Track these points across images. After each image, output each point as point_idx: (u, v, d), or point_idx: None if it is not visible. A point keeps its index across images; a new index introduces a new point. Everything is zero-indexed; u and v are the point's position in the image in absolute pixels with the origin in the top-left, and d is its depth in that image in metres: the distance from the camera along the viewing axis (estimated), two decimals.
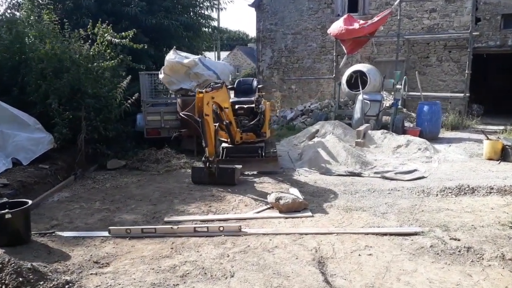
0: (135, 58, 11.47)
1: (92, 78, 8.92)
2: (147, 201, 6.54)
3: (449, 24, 15.43)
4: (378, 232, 4.96)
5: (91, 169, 8.68)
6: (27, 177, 7.06)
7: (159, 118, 10.10)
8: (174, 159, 9.04)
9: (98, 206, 6.38)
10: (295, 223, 5.39)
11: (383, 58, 16.57)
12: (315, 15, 17.81)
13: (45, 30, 8.97)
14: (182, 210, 6.05)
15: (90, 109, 8.64)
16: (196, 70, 9.69)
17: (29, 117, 8.09)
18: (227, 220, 5.56)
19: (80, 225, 5.56)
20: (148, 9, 13.18)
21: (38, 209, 6.29)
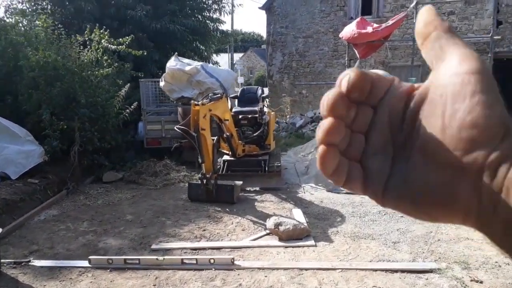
0: (139, 64, 11.04)
1: (87, 86, 8.47)
2: (138, 222, 6.06)
3: (468, 27, 14.69)
4: (388, 268, 4.39)
5: (86, 181, 8.25)
6: (13, 193, 6.65)
7: (160, 127, 9.64)
8: (173, 171, 8.58)
9: (85, 227, 5.93)
10: (296, 254, 4.84)
11: (397, 63, 15.89)
12: (327, 18, 17.21)
13: (41, 36, 8.56)
14: (173, 234, 5.55)
15: (85, 119, 8.19)
16: (198, 78, 9.20)
17: (20, 129, 7.69)
18: (220, 249, 5.04)
19: (60, 252, 5.11)
20: (154, 13, 12.74)
21: (21, 230, 5.87)
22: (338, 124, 0.41)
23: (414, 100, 0.41)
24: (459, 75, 0.38)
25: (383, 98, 0.42)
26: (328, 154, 0.41)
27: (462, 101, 0.36)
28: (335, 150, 0.42)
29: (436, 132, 0.38)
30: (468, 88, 0.37)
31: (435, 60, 0.41)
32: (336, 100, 0.41)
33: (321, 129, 0.41)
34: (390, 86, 0.43)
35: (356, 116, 0.42)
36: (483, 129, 0.36)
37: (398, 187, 0.41)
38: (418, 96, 0.41)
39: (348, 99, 0.41)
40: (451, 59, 0.39)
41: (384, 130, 0.42)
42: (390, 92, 0.42)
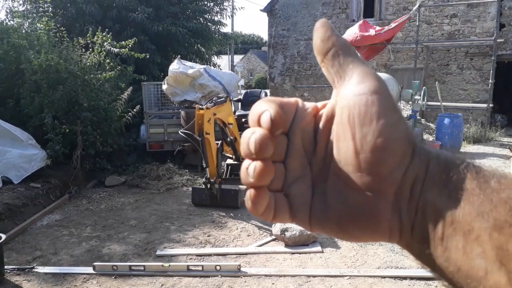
0: (142, 67, 10.99)
1: (90, 90, 8.41)
2: (142, 227, 5.99)
3: (471, 30, 14.65)
4: (397, 275, 4.33)
5: (89, 185, 8.18)
6: (15, 198, 6.57)
7: (162, 130, 9.57)
8: (177, 175, 8.52)
9: (88, 233, 5.86)
10: (302, 260, 4.78)
11: (400, 65, 15.85)
12: (329, 21, 17.16)
13: (43, 39, 8.50)
14: (177, 240, 5.49)
15: (87, 123, 8.13)
16: (201, 81, 9.16)
17: (22, 132, 7.63)
18: (226, 255, 4.97)
19: (64, 258, 5.05)
20: (155, 16, 12.70)
21: (24, 235, 5.81)
22: (269, 166, 0.39)
23: (322, 122, 0.42)
24: (361, 96, 0.37)
25: (293, 123, 0.42)
26: (260, 196, 0.40)
27: (369, 124, 0.36)
28: (265, 190, 0.40)
29: (349, 156, 0.38)
30: (373, 110, 0.37)
31: (336, 78, 0.40)
32: (264, 142, 0.38)
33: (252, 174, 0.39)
34: (296, 109, 0.42)
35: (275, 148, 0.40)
36: (393, 151, 0.36)
37: (321, 210, 0.41)
38: (325, 117, 0.41)
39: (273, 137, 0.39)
40: (352, 79, 0.39)
41: (300, 155, 0.42)
42: (298, 116, 0.42)
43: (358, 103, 0.37)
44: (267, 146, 0.39)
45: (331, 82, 0.42)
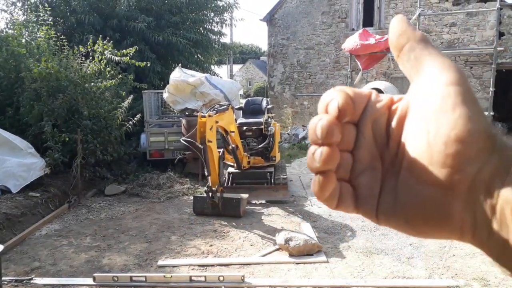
0: (141, 76, 10.94)
1: (90, 98, 8.35)
2: (142, 237, 5.90)
3: (470, 38, 14.67)
4: (404, 285, 4.24)
5: (88, 194, 8.08)
6: (14, 207, 6.48)
7: (163, 139, 9.50)
8: (177, 184, 8.44)
9: (88, 243, 5.76)
10: (307, 270, 4.68)
11: (400, 74, 15.81)
12: (328, 30, 17.20)
13: (43, 47, 8.46)
14: (179, 250, 5.39)
15: (87, 131, 8.06)
16: (203, 89, 9.10)
17: (21, 141, 7.55)
18: (229, 266, 4.88)
19: (63, 269, 4.95)
20: (156, 25, 12.68)
21: (22, 245, 5.70)
22: (335, 151, 0.39)
23: (397, 115, 0.41)
24: (438, 87, 0.37)
25: (363, 114, 0.41)
26: (327, 181, 0.40)
27: (444, 115, 0.36)
28: (332, 175, 0.40)
29: (422, 149, 0.37)
30: (449, 101, 0.36)
31: (413, 72, 0.40)
32: (330, 128, 0.39)
33: (318, 159, 0.39)
34: (368, 101, 0.42)
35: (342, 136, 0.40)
36: (469, 144, 0.35)
37: (390, 204, 0.41)
38: (400, 110, 0.41)
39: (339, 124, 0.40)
40: (429, 71, 0.38)
41: (370, 147, 0.42)
42: (369, 107, 0.42)
43: (433, 94, 0.37)
44: (333, 132, 0.39)
45: (407, 77, 0.41)
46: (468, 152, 0.35)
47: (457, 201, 0.37)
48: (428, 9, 14.87)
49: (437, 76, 0.37)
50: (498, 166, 0.35)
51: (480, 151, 0.35)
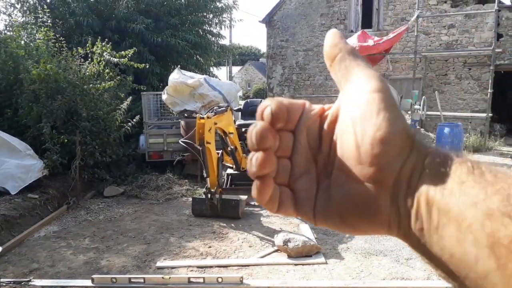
0: (140, 77, 10.94)
1: (89, 99, 8.34)
2: (141, 238, 5.89)
3: (468, 40, 14.70)
4: (403, 286, 4.24)
5: (87, 196, 8.08)
6: (12, 209, 6.47)
7: (161, 140, 9.49)
8: (176, 185, 8.43)
9: (86, 244, 5.75)
10: (306, 272, 4.69)
11: (398, 75, 15.87)
12: (327, 31, 17.23)
13: (42, 49, 8.45)
14: (178, 251, 5.39)
15: (86, 133, 8.06)
16: (201, 91, 9.11)
17: (20, 142, 7.55)
18: (228, 267, 4.88)
19: (62, 270, 4.93)
20: (155, 27, 12.69)
21: (21, 247, 5.69)
22: (270, 156, 0.42)
23: (328, 121, 0.44)
24: (364, 94, 0.40)
25: (299, 122, 0.45)
26: (264, 185, 0.43)
27: (370, 119, 0.39)
28: (270, 179, 0.43)
29: (351, 150, 0.40)
30: (374, 107, 0.39)
31: (343, 80, 0.43)
32: (264, 134, 0.42)
33: (254, 164, 0.42)
34: (303, 109, 0.45)
35: (280, 143, 0.44)
36: (391, 144, 0.38)
37: (325, 204, 0.44)
38: (330, 116, 0.44)
39: (273, 130, 0.43)
40: (356, 80, 0.42)
41: (305, 152, 0.45)
42: (304, 116, 0.45)
43: (360, 101, 0.40)
44: (267, 137, 0.42)
45: (338, 85, 0.44)
46: (391, 151, 0.39)
47: (384, 197, 0.39)
48: (426, 10, 14.91)
49: (363, 84, 0.41)
50: (416, 162, 0.39)
51: (402, 149, 0.39)
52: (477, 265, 0.33)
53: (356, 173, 0.40)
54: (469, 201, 0.35)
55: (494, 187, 0.35)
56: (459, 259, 0.35)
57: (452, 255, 0.35)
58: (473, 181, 0.36)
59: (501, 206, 0.33)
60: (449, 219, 0.36)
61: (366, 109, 0.39)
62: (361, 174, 0.40)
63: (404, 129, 0.39)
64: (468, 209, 0.35)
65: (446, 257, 0.36)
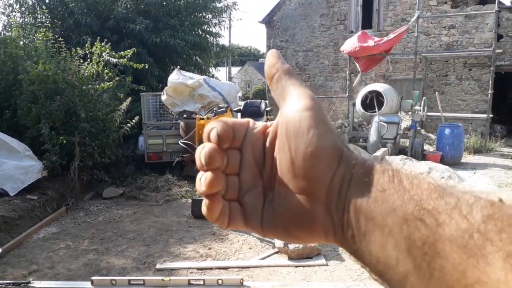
0: (139, 78, 10.90)
1: (88, 100, 8.31)
2: (140, 240, 5.86)
3: (469, 41, 14.68)
4: None
5: (86, 197, 8.04)
6: (11, 210, 6.43)
7: (161, 141, 9.45)
8: (176, 187, 8.39)
9: (85, 246, 5.72)
10: (307, 273, 4.66)
11: (399, 76, 15.85)
12: (327, 32, 17.22)
13: (40, 49, 8.42)
14: (177, 253, 5.36)
15: (85, 134, 8.02)
16: (201, 92, 9.07)
17: (19, 143, 7.51)
18: (228, 269, 4.84)
19: (61, 272, 4.91)
20: (154, 27, 12.65)
21: (20, 248, 5.66)
22: (218, 176, 0.44)
23: (269, 138, 0.47)
24: (296, 112, 0.43)
25: (244, 140, 0.47)
26: (214, 203, 0.45)
27: (301, 135, 0.42)
28: (219, 197, 0.45)
29: (288, 164, 0.43)
30: (305, 124, 0.42)
31: (280, 99, 0.46)
32: (211, 154, 0.44)
33: (204, 183, 0.44)
34: (247, 128, 0.48)
35: (228, 161, 0.46)
36: (321, 158, 0.41)
37: (270, 216, 0.46)
38: (271, 133, 0.47)
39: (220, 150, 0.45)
40: (290, 98, 0.45)
41: (252, 168, 0.47)
42: (248, 133, 0.48)
43: (293, 118, 0.43)
44: (215, 158, 0.44)
45: (277, 103, 0.47)
46: (321, 165, 0.41)
47: (318, 207, 0.42)
48: (426, 11, 14.90)
49: (295, 103, 0.44)
50: (345, 174, 0.41)
51: (331, 163, 0.41)
52: (398, 266, 0.36)
53: (293, 186, 0.43)
54: (389, 207, 0.37)
55: (410, 194, 0.37)
56: (384, 262, 0.37)
57: (378, 259, 0.38)
58: (392, 189, 0.38)
59: (415, 211, 0.36)
60: (374, 226, 0.38)
61: (298, 127, 0.42)
62: (297, 187, 0.43)
63: (333, 144, 0.42)
64: (388, 215, 0.37)
65: (374, 261, 0.38)
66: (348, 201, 0.40)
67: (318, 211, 0.42)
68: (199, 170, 0.46)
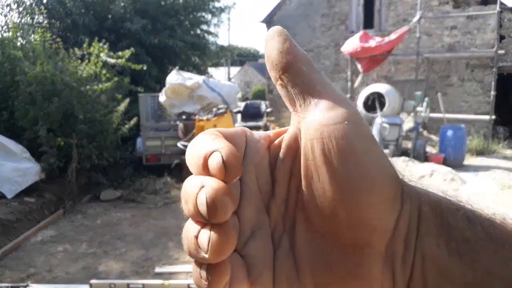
0: (137, 79, 10.82)
1: (86, 101, 8.21)
2: (139, 243, 5.78)
3: (471, 41, 14.60)
4: None
5: (84, 200, 7.95)
6: (9, 213, 6.36)
7: (159, 143, 9.35)
8: (174, 189, 8.31)
9: (84, 249, 5.64)
10: None
11: (400, 77, 15.76)
12: (328, 32, 17.14)
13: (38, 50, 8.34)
14: (176, 256, 5.29)
15: (82, 136, 7.93)
16: (200, 93, 8.97)
17: (16, 145, 7.43)
18: None
19: (59, 275, 4.85)
20: (152, 27, 12.56)
21: (18, 251, 5.60)
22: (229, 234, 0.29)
23: (283, 154, 0.34)
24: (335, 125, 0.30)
25: (244, 160, 0.33)
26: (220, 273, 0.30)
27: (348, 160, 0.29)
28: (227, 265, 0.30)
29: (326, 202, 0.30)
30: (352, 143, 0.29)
31: (299, 101, 0.32)
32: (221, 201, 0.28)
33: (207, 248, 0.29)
34: (246, 141, 0.34)
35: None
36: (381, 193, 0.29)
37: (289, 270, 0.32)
38: (286, 148, 0.34)
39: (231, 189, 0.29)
40: (320, 103, 0.31)
41: (255, 200, 0.33)
42: (249, 150, 0.34)
43: (332, 134, 0.29)
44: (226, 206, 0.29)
45: (289, 105, 0.33)
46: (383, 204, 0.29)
47: (375, 264, 0.30)
48: (428, 11, 14.81)
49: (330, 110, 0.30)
50: (411, 214, 0.30)
51: (394, 199, 0.30)
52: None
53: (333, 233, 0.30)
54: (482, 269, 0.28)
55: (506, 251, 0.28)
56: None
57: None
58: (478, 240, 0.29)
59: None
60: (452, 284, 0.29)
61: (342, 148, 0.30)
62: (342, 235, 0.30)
63: (393, 173, 0.30)
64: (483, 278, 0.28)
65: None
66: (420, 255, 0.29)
67: (373, 269, 0.30)
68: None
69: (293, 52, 0.33)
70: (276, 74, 0.33)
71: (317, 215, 0.31)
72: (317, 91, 0.32)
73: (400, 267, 0.30)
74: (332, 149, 0.29)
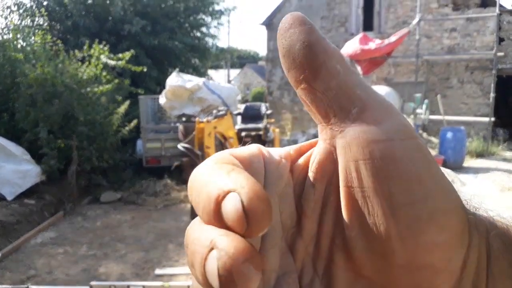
0: (137, 81, 10.83)
1: (86, 103, 8.22)
2: (139, 245, 5.78)
3: (470, 44, 14.61)
4: None
5: (84, 202, 7.95)
6: (9, 215, 6.37)
7: (159, 145, 9.35)
8: (174, 191, 8.31)
9: (84, 251, 5.65)
10: None
11: (400, 79, 15.78)
12: (328, 35, 17.15)
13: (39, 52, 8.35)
14: (177, 258, 5.29)
15: (83, 138, 7.93)
16: (200, 95, 8.99)
17: (16, 147, 7.44)
18: None
19: (59, 277, 4.85)
20: (152, 29, 12.58)
21: (17, 253, 5.60)
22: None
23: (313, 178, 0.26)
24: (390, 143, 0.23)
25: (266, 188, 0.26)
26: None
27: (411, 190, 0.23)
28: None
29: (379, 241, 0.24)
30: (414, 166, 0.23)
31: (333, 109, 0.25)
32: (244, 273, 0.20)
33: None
34: (265, 163, 0.27)
35: None
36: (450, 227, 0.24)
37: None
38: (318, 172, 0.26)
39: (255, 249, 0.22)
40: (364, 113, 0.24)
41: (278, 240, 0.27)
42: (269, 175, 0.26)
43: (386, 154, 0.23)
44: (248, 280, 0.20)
45: (317, 114, 0.26)
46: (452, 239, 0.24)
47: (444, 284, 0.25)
48: (428, 14, 14.84)
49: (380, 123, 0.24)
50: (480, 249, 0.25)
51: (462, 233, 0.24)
52: None
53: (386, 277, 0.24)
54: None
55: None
56: None
57: None
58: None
59: None
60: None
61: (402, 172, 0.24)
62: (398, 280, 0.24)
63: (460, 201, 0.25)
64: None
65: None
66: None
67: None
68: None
69: (323, 46, 0.26)
70: (299, 74, 0.26)
71: (365, 256, 0.25)
72: (358, 96, 0.25)
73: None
74: (388, 173, 0.23)
